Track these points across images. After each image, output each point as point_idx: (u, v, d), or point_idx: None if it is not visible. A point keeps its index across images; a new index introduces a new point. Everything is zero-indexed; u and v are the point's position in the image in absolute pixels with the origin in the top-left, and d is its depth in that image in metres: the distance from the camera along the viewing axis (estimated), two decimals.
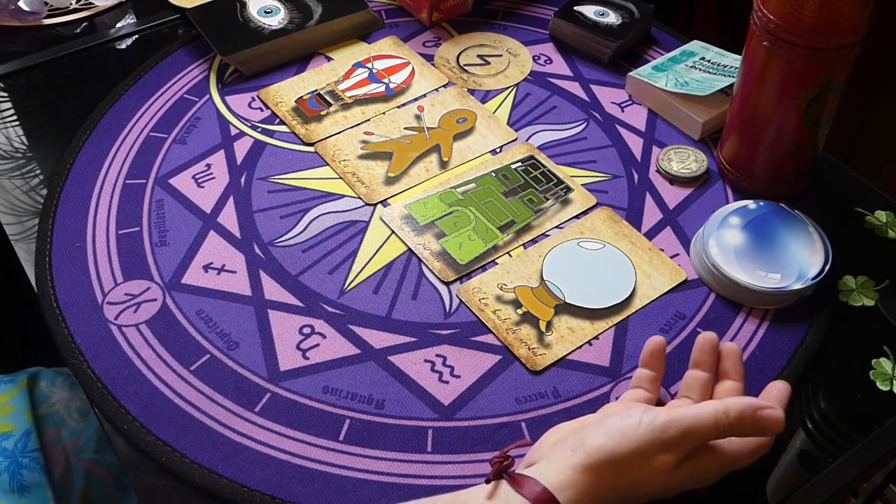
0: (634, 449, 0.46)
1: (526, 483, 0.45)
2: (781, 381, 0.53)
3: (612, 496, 0.47)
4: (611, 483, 0.46)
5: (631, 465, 0.46)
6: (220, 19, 0.85)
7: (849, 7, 0.59)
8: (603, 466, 0.46)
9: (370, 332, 0.61)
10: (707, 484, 0.49)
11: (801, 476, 0.54)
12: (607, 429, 0.47)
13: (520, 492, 0.45)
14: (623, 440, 0.46)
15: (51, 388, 0.64)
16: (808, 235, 0.65)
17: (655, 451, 0.46)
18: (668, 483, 0.47)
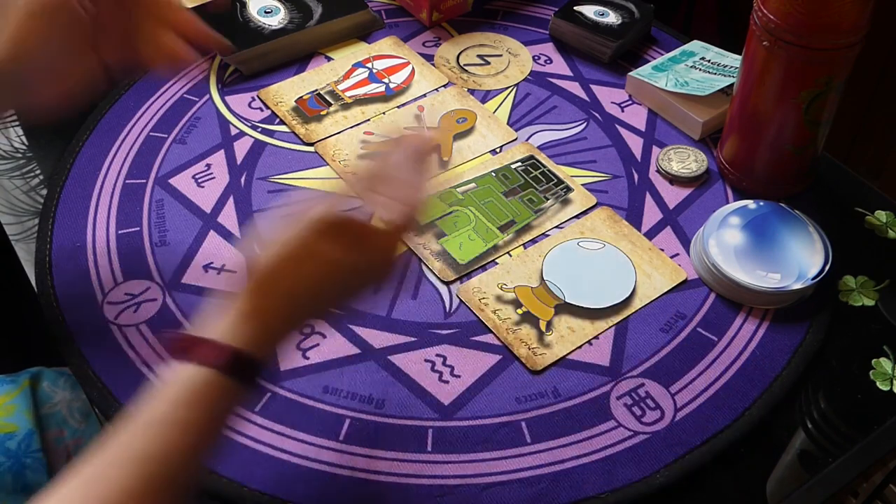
0: (292, 247, 0.45)
1: (197, 349, 0.43)
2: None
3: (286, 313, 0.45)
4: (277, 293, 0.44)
5: (290, 267, 0.45)
6: (220, 19, 0.85)
7: (849, 7, 0.59)
8: (266, 279, 0.45)
9: (370, 332, 0.61)
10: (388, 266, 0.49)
11: (801, 476, 0.54)
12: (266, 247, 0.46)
13: (188, 361, 0.42)
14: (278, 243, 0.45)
15: (53, 388, 0.64)
16: (808, 235, 0.65)
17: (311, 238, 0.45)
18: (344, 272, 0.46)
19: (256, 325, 0.44)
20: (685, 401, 0.57)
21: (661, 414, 0.57)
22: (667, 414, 0.57)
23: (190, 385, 0.42)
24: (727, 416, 0.56)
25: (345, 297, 0.49)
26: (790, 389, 0.58)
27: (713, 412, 0.57)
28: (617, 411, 0.57)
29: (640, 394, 0.58)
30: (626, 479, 0.53)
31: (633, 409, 0.57)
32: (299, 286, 0.46)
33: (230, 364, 0.42)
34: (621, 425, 0.56)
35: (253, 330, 0.44)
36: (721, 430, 0.56)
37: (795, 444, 0.56)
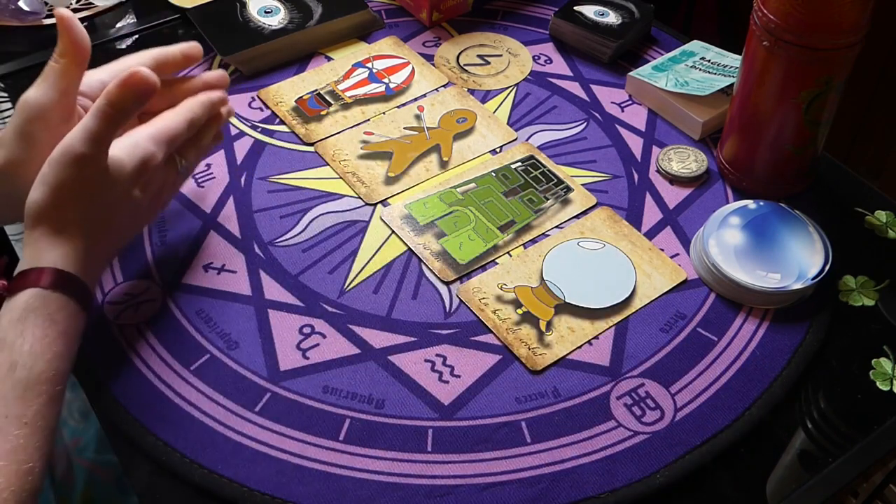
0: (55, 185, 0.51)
1: (17, 283, 0.49)
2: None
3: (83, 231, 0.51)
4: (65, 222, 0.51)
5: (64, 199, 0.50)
6: (220, 19, 0.85)
7: (849, 7, 0.59)
8: (45, 216, 0.50)
9: (370, 332, 0.61)
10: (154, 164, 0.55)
11: (801, 476, 0.54)
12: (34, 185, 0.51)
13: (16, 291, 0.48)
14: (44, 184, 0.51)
15: None
16: (808, 235, 0.65)
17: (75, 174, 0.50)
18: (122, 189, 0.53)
19: (56, 247, 0.50)
20: (685, 401, 0.57)
21: (661, 414, 0.57)
22: (667, 414, 0.57)
23: (24, 304, 0.48)
24: (727, 416, 0.56)
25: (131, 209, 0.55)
26: (790, 389, 0.58)
27: (713, 412, 0.57)
28: (617, 411, 0.57)
29: (640, 394, 0.58)
30: (626, 479, 0.53)
31: (633, 409, 0.57)
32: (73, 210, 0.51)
33: (48, 280, 0.49)
34: (621, 425, 0.56)
35: (56, 249, 0.50)
36: (721, 430, 0.56)
37: (795, 444, 0.56)
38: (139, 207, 0.56)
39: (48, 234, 0.50)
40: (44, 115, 0.54)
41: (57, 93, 0.54)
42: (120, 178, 0.53)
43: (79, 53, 0.54)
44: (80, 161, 0.50)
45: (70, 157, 0.50)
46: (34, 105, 0.53)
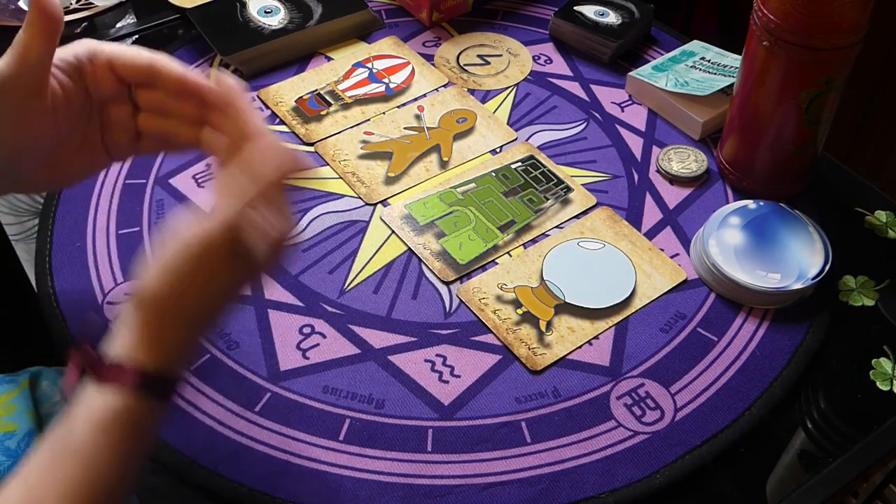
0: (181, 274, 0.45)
1: (106, 372, 0.43)
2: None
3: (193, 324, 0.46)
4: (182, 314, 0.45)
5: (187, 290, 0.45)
6: (220, 19, 0.85)
7: (849, 7, 0.59)
8: (161, 306, 0.45)
9: (370, 332, 0.61)
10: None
11: (801, 476, 0.54)
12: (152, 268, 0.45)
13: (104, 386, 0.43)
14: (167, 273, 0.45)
15: (53, 387, 0.64)
16: (808, 235, 0.65)
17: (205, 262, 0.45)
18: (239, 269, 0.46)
19: (164, 344, 0.45)
20: (685, 401, 0.57)
21: (661, 414, 0.57)
22: (667, 414, 0.57)
23: (110, 410, 0.42)
24: (727, 416, 0.56)
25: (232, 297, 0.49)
26: (790, 389, 0.58)
27: (713, 412, 0.57)
28: (617, 411, 0.57)
29: (640, 394, 0.58)
30: (626, 479, 0.53)
31: (633, 409, 0.57)
32: (192, 297, 0.46)
33: (145, 384, 0.43)
34: (621, 425, 0.56)
35: (162, 349, 0.44)
36: (721, 430, 0.56)
37: (795, 444, 0.56)
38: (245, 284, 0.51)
39: (159, 328, 0.44)
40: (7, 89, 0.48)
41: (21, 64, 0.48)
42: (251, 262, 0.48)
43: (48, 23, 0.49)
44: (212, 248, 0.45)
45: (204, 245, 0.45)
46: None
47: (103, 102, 0.53)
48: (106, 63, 0.53)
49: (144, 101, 0.54)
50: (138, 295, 0.46)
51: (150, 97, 0.53)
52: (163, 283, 0.45)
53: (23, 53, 0.48)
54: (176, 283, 0.45)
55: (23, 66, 0.48)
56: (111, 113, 0.54)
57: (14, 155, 0.50)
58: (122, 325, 0.45)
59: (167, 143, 0.55)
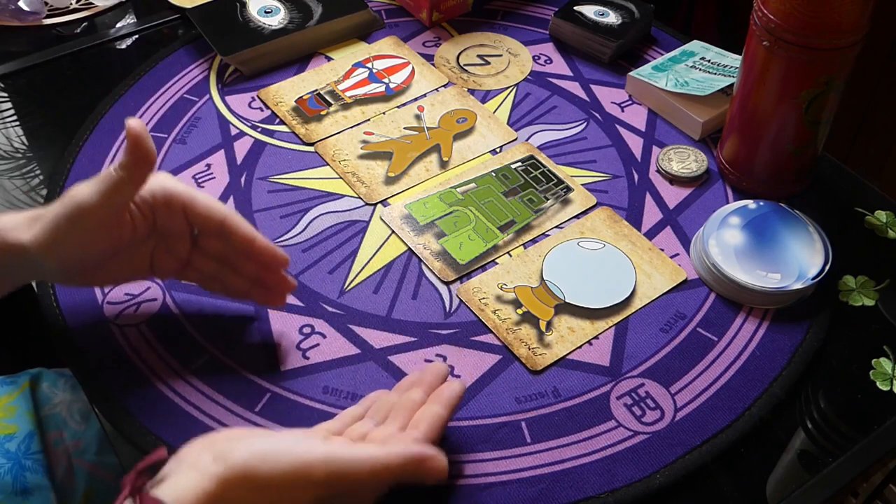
0: (277, 474, 0.43)
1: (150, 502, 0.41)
2: (458, 381, 0.53)
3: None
4: (244, 501, 0.43)
5: (269, 489, 0.43)
6: (220, 19, 0.85)
7: (849, 7, 0.59)
8: (240, 483, 0.43)
9: (370, 332, 0.61)
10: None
11: (801, 476, 0.54)
12: (257, 446, 0.44)
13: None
14: (267, 462, 0.43)
15: (53, 389, 0.64)
16: (808, 235, 0.65)
17: (299, 483, 0.44)
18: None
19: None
20: (685, 401, 0.57)
21: (661, 414, 0.57)
22: (667, 414, 0.57)
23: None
24: (727, 416, 0.56)
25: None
26: (790, 389, 0.58)
27: (713, 412, 0.57)
28: (617, 411, 0.57)
29: (640, 394, 0.58)
30: (626, 479, 0.53)
31: (633, 409, 0.57)
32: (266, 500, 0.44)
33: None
34: (621, 425, 0.56)
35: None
36: (721, 430, 0.56)
37: (795, 444, 0.56)
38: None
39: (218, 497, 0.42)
40: (84, 217, 0.51)
41: (104, 201, 0.51)
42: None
43: (141, 170, 0.51)
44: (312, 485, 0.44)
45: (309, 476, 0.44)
46: (78, 205, 0.51)
47: (164, 234, 0.56)
48: (181, 208, 0.55)
49: (207, 247, 0.58)
50: (228, 454, 0.44)
51: (215, 245, 0.57)
52: (257, 467, 0.43)
53: (112, 194, 0.51)
54: (266, 479, 0.43)
55: (107, 203, 0.51)
56: (170, 243, 0.57)
57: (67, 266, 0.53)
58: (192, 468, 0.43)
59: (213, 283, 0.59)
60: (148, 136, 0.50)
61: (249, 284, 0.58)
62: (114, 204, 0.52)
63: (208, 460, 0.43)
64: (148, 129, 0.76)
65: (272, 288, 0.59)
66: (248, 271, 0.58)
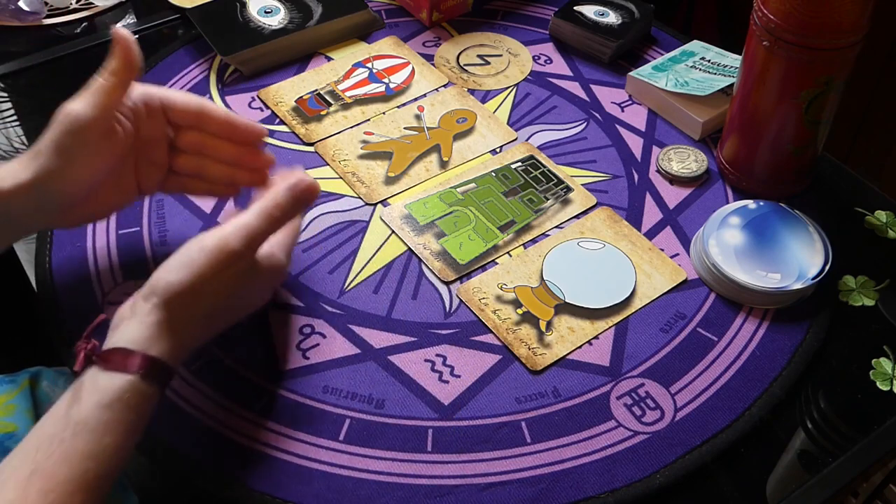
0: (201, 273, 0.49)
1: (112, 357, 0.46)
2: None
3: (199, 325, 0.50)
4: (192, 312, 0.49)
5: (202, 290, 0.49)
6: (220, 19, 0.85)
7: (849, 7, 0.59)
8: (178, 301, 0.48)
9: (370, 332, 0.61)
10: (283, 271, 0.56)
11: (801, 476, 0.54)
12: (170, 265, 0.50)
13: (110, 370, 0.46)
14: (188, 269, 0.49)
15: (52, 388, 0.64)
16: (808, 235, 0.65)
17: (222, 268, 0.49)
18: (244, 295, 0.53)
19: (171, 336, 0.48)
20: (685, 401, 0.57)
21: (661, 414, 0.57)
22: (667, 414, 0.57)
23: (115, 390, 0.45)
24: (727, 416, 0.56)
25: (240, 310, 0.55)
26: (790, 389, 0.58)
27: (713, 412, 0.57)
28: (617, 411, 0.57)
29: (640, 394, 0.58)
30: (626, 479, 0.53)
31: (633, 409, 0.57)
32: (218, 308, 0.51)
33: (148, 371, 0.47)
34: (621, 425, 0.56)
35: (168, 340, 0.48)
36: (721, 430, 0.56)
37: (795, 444, 0.56)
38: (249, 305, 0.56)
39: (169, 321, 0.48)
40: (83, 130, 0.53)
41: (100, 110, 0.53)
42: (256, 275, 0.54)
43: (129, 75, 0.54)
44: (233, 258, 0.50)
45: (227, 252, 0.50)
46: (75, 119, 0.53)
47: (145, 142, 0.58)
48: (159, 106, 0.58)
49: (186, 142, 0.60)
50: (154, 287, 0.49)
51: (192, 138, 0.59)
52: (182, 279, 0.49)
53: (103, 101, 0.53)
54: (194, 282, 0.49)
55: (101, 111, 0.53)
56: (151, 152, 0.59)
57: (71, 190, 0.55)
58: (133, 314, 0.49)
59: (195, 181, 0.61)
60: (134, 43, 0.54)
61: (231, 170, 0.60)
62: (108, 110, 0.54)
63: (141, 302, 0.49)
64: None
65: (253, 166, 0.61)
66: (228, 155, 0.60)
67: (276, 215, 0.52)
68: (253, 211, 0.51)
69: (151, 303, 0.49)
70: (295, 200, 0.53)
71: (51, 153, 0.53)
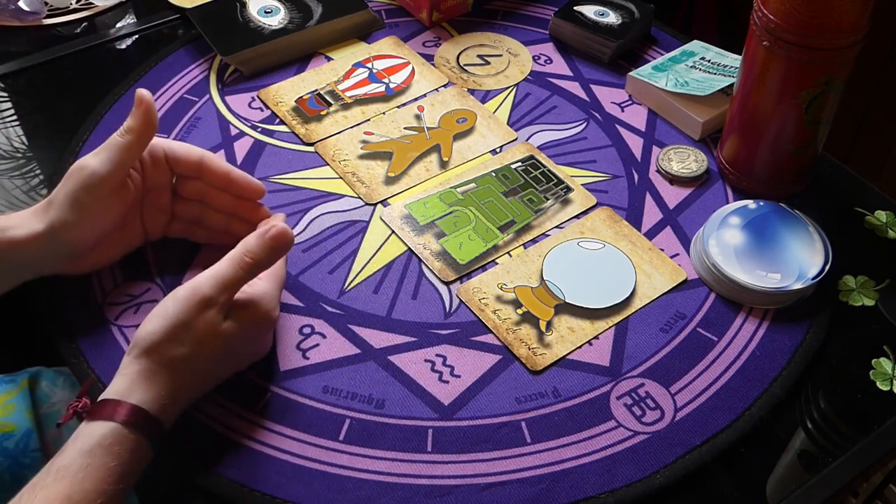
0: (175, 320, 0.50)
1: (96, 409, 0.48)
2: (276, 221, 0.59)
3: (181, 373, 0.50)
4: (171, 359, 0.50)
5: (178, 336, 0.50)
6: (220, 19, 0.85)
7: (849, 7, 0.59)
8: (155, 349, 0.50)
9: (370, 332, 0.61)
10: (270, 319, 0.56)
11: (801, 476, 0.54)
12: (148, 319, 0.51)
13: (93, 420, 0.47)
14: (163, 318, 0.50)
15: (52, 388, 0.64)
16: (808, 235, 0.65)
17: (196, 314, 0.51)
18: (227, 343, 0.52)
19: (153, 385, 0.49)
20: (685, 401, 0.57)
21: (661, 414, 0.57)
22: (667, 414, 0.57)
23: (98, 437, 0.47)
24: (727, 416, 0.56)
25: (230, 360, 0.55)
26: (790, 389, 0.58)
27: (713, 412, 0.57)
28: (617, 411, 0.57)
29: (640, 394, 0.58)
30: (626, 479, 0.53)
31: (633, 409, 0.57)
32: (196, 358, 0.51)
33: (128, 419, 0.47)
34: (621, 425, 0.56)
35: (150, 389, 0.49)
36: (721, 430, 0.56)
37: (795, 444, 0.56)
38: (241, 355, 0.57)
39: (150, 370, 0.50)
40: (98, 185, 0.55)
41: (115, 166, 0.56)
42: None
43: (147, 135, 0.57)
44: (205, 303, 0.51)
45: (198, 298, 0.51)
46: (91, 175, 0.55)
47: (151, 190, 0.61)
48: (163, 156, 0.61)
49: (188, 191, 0.62)
50: (136, 341, 0.51)
51: (193, 187, 0.62)
52: (157, 328, 0.50)
53: (120, 157, 0.56)
54: (170, 329, 0.50)
55: (116, 168, 0.56)
56: (156, 199, 0.62)
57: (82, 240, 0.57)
58: (119, 370, 0.50)
59: (196, 227, 0.63)
60: (154, 105, 0.57)
61: (229, 219, 0.62)
62: (123, 167, 0.57)
63: (126, 358, 0.51)
64: None
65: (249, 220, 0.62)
66: (226, 205, 0.62)
67: (247, 261, 0.52)
68: (225, 259, 0.53)
69: (132, 355, 0.50)
70: (266, 247, 0.53)
71: (65, 206, 0.55)
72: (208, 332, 0.51)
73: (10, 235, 0.55)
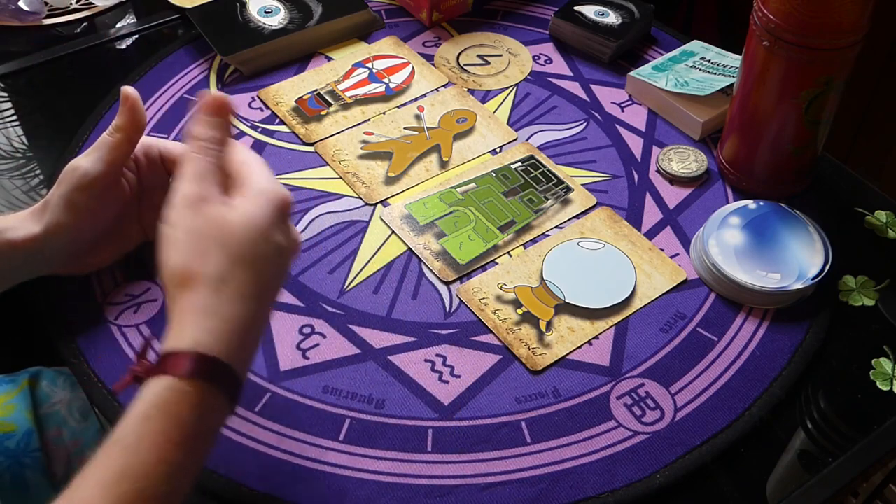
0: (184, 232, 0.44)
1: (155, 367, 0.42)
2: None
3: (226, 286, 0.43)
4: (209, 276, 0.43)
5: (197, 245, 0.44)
6: (220, 19, 0.85)
7: (849, 7, 0.59)
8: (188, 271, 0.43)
9: (370, 332, 0.61)
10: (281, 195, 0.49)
11: (801, 476, 0.54)
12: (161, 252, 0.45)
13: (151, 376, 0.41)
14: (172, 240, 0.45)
15: (52, 388, 0.64)
16: (808, 235, 0.65)
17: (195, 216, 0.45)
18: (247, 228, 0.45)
19: (204, 316, 0.43)
20: (685, 401, 0.57)
21: (661, 414, 0.57)
22: (667, 414, 0.57)
23: (153, 398, 0.41)
24: (727, 416, 0.56)
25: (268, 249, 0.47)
26: (790, 389, 0.58)
27: (713, 412, 0.57)
28: (617, 411, 0.57)
29: (640, 394, 0.58)
30: (626, 479, 0.53)
31: (633, 409, 0.57)
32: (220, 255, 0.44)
33: (187, 367, 0.41)
34: (621, 425, 0.56)
35: (202, 321, 0.42)
36: (721, 430, 0.56)
37: (795, 444, 0.56)
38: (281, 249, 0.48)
39: (194, 299, 0.43)
40: (91, 185, 0.55)
41: (106, 165, 0.55)
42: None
43: (135, 132, 0.56)
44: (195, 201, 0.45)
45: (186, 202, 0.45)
46: (83, 174, 0.55)
47: (147, 189, 0.61)
48: (157, 156, 0.60)
49: None
50: (167, 279, 0.44)
51: None
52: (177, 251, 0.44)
53: (111, 156, 0.55)
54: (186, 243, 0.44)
55: (108, 166, 0.56)
56: (152, 199, 0.60)
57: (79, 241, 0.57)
58: (168, 325, 0.44)
59: None
60: (140, 101, 0.56)
61: None
62: (115, 165, 0.56)
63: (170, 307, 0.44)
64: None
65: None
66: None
67: (198, 144, 0.48)
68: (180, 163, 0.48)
69: (172, 297, 0.44)
70: (203, 121, 0.49)
71: (60, 207, 0.55)
72: (220, 225, 0.45)
73: (8, 237, 0.55)
